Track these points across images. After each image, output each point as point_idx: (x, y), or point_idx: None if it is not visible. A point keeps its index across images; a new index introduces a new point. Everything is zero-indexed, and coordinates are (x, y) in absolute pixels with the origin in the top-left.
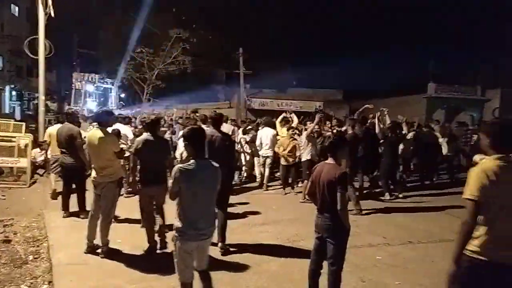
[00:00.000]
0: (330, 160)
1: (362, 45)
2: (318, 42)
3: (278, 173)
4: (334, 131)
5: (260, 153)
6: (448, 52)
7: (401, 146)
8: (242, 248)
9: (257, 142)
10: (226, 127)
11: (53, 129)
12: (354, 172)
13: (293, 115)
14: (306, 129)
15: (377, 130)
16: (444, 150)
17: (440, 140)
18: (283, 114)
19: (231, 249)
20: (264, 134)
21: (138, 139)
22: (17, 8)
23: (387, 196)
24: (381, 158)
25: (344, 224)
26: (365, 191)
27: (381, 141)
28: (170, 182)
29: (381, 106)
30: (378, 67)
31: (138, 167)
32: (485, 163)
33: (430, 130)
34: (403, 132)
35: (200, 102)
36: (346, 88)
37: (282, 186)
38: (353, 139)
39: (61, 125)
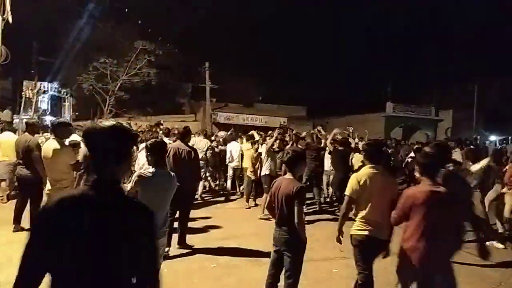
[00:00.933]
0: (288, 175)
1: (325, 63)
2: (284, 58)
3: (242, 187)
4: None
5: (231, 165)
6: (406, 73)
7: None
8: (202, 261)
9: (227, 155)
10: (203, 142)
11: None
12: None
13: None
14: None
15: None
16: None
17: None
18: (252, 132)
19: (192, 264)
20: (234, 148)
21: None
22: None
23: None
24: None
25: (301, 237)
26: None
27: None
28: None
29: (342, 123)
30: (340, 85)
31: None
32: (360, 171)
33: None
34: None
35: (164, 114)
36: (310, 105)
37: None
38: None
39: (8, 133)
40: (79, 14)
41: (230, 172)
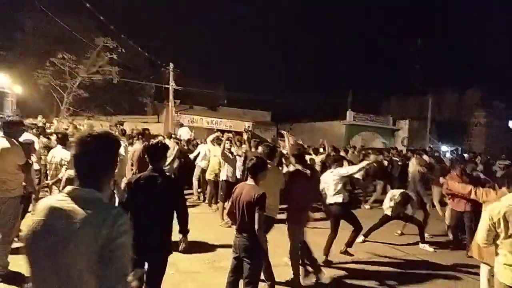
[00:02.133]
0: (250, 181)
1: (290, 70)
2: (249, 63)
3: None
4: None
5: (200, 164)
6: (366, 84)
7: None
8: None
9: (201, 154)
10: (171, 144)
11: None
12: None
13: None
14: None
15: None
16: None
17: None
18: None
19: None
20: (206, 149)
21: None
22: None
23: None
24: None
25: (261, 244)
26: None
27: None
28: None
29: (305, 129)
30: (304, 92)
31: None
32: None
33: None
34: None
35: (126, 114)
36: (274, 110)
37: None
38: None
39: None
40: (34, 3)
41: (197, 171)
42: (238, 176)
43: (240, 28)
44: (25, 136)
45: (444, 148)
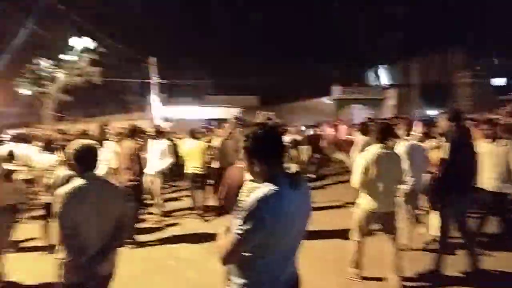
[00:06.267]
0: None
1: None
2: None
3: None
4: None
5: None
6: (350, 55)
7: None
8: (160, 260)
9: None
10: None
11: None
12: None
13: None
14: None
15: None
16: None
17: None
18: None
19: (150, 264)
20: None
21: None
22: None
23: None
24: None
25: None
26: None
27: None
28: None
29: (294, 109)
30: (289, 72)
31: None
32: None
33: None
34: None
35: (111, 114)
36: (262, 94)
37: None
38: None
39: None
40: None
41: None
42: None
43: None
44: (8, 147)
45: (431, 112)
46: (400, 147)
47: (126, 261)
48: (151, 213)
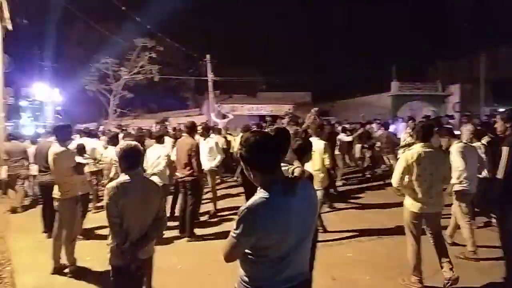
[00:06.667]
0: (296, 163)
1: (328, 47)
2: (286, 45)
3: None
4: None
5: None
6: (409, 50)
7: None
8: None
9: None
10: (220, 141)
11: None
12: None
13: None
14: None
15: None
16: None
17: None
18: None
19: (206, 257)
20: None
21: None
22: None
23: None
24: None
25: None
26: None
27: None
28: None
29: (348, 106)
30: (344, 68)
31: None
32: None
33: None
34: None
35: (169, 110)
36: (315, 90)
37: None
38: None
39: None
40: (78, 18)
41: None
42: None
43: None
44: (79, 140)
45: (502, 110)
46: (453, 147)
47: (183, 253)
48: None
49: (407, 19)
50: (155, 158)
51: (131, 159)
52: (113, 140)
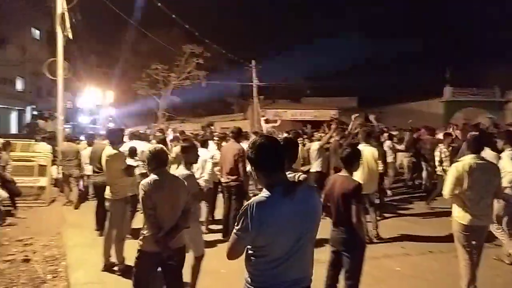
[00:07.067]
0: (343, 172)
1: (376, 52)
2: (332, 51)
3: None
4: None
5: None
6: (464, 54)
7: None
8: None
9: None
10: None
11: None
12: None
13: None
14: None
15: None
16: None
17: None
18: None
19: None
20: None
21: None
22: (37, 32)
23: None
24: None
25: (360, 237)
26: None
27: None
28: None
29: (397, 112)
30: (392, 72)
31: None
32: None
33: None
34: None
35: (214, 115)
36: (361, 95)
37: None
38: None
39: None
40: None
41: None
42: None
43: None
44: (130, 143)
45: None
46: (505, 153)
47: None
48: None
49: (464, 21)
50: (200, 162)
51: (157, 160)
52: (161, 144)
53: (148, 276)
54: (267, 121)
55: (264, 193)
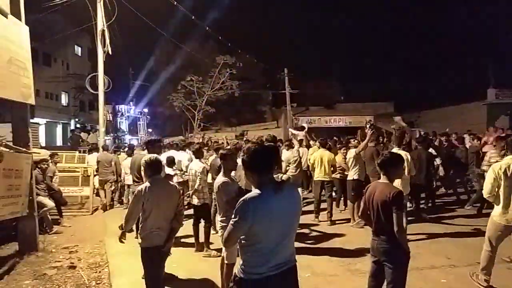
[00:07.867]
0: (383, 179)
1: (412, 52)
2: (365, 54)
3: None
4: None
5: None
6: (508, 53)
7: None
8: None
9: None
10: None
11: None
12: None
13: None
14: (350, 148)
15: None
16: None
17: None
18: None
19: None
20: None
21: None
22: (79, 49)
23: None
24: None
25: (402, 246)
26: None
27: None
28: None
29: (436, 116)
30: (430, 74)
31: None
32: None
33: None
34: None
35: (248, 124)
36: (398, 99)
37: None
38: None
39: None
40: (166, 39)
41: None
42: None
43: (350, 19)
44: (168, 153)
45: None
46: None
47: None
48: None
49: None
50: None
51: (153, 168)
52: (197, 153)
53: (159, 269)
54: (295, 129)
55: (256, 190)
